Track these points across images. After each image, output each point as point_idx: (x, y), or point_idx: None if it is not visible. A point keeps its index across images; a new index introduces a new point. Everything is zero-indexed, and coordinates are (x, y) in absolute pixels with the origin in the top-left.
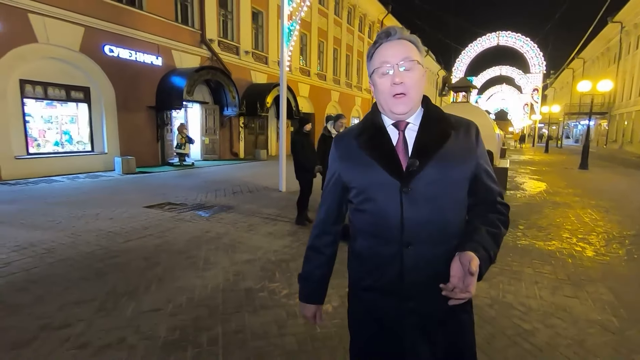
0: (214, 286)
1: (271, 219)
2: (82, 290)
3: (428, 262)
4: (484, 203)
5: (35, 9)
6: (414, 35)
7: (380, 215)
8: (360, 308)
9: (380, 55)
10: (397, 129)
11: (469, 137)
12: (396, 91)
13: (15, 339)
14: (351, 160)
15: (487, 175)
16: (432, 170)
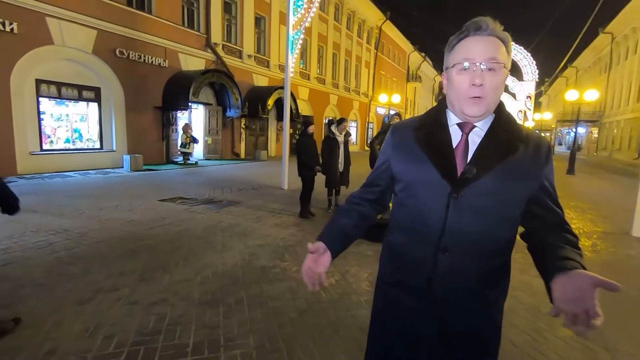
0: (233, 264)
1: (276, 212)
2: (121, 265)
3: (461, 272)
4: (554, 225)
5: (52, 12)
6: (505, 33)
7: (423, 214)
8: (383, 302)
9: (464, 49)
10: (461, 131)
11: (537, 154)
12: (474, 93)
13: (77, 298)
14: (405, 152)
15: (551, 198)
16: (488, 182)
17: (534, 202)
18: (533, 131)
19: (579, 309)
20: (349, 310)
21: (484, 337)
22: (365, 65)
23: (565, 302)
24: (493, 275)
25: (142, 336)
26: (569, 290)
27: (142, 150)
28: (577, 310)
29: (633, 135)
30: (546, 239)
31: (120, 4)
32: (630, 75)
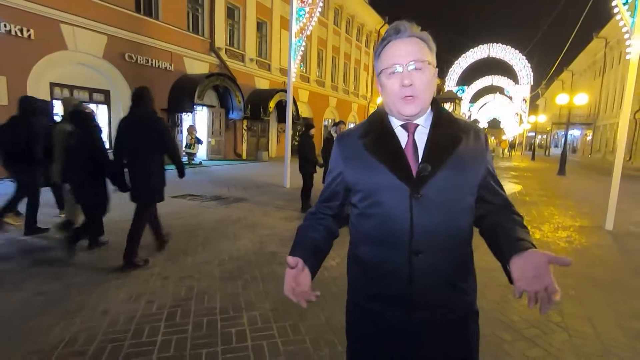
0: (246, 249)
1: (280, 208)
2: (147, 250)
3: (438, 269)
4: (501, 207)
5: (66, 19)
6: (425, 32)
7: (389, 220)
8: (363, 318)
9: (388, 55)
10: (407, 131)
11: (478, 141)
12: (405, 93)
13: (114, 273)
14: (356, 161)
15: (495, 180)
16: (443, 176)
17: (483, 187)
18: (468, 121)
19: (539, 286)
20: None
21: (469, 324)
22: (364, 68)
23: (524, 281)
24: (464, 265)
25: (177, 301)
26: (527, 269)
27: None
28: (537, 287)
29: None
30: (496, 222)
31: (129, 11)
32: (622, 80)
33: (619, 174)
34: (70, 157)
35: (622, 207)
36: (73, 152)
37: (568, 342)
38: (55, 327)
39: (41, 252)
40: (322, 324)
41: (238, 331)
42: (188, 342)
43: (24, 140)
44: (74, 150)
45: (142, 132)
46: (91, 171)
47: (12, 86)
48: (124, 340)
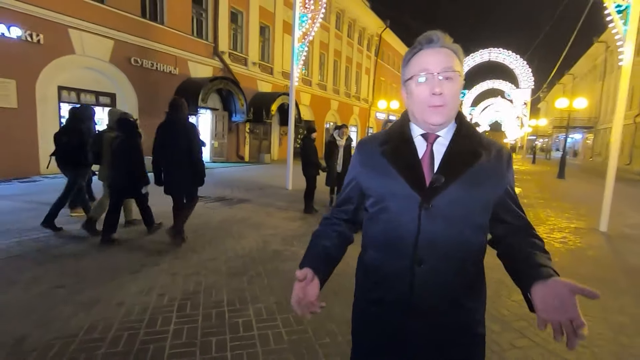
0: (250, 248)
1: (283, 209)
2: (159, 247)
3: (439, 283)
4: (519, 230)
5: (74, 24)
6: (456, 45)
7: (395, 227)
8: (364, 320)
9: (419, 62)
10: (426, 141)
11: (499, 161)
12: (434, 102)
13: (129, 268)
14: (372, 167)
15: (514, 202)
16: (456, 189)
17: (500, 207)
18: (493, 140)
19: (563, 317)
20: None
21: (468, 347)
22: (366, 72)
23: (547, 312)
24: (469, 283)
25: (186, 295)
26: (549, 299)
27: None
28: (561, 319)
29: (625, 141)
30: (514, 245)
31: (135, 16)
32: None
33: (613, 177)
34: (116, 158)
35: (618, 210)
36: (119, 153)
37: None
38: (74, 317)
39: (55, 248)
40: (323, 316)
41: (245, 322)
42: (198, 331)
43: (77, 145)
44: (120, 152)
45: (175, 137)
46: (132, 169)
47: (21, 89)
48: (139, 328)
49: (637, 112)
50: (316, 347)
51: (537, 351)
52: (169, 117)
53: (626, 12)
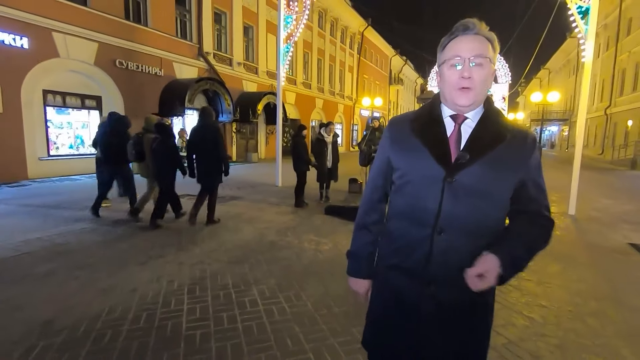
0: (247, 239)
1: (275, 204)
2: (161, 241)
3: (457, 251)
4: (527, 213)
5: (58, 28)
6: (491, 33)
7: (419, 199)
8: (383, 284)
9: (453, 48)
10: (454, 122)
11: (524, 145)
12: (462, 84)
13: (136, 261)
14: (402, 143)
15: (535, 186)
16: (479, 168)
17: (520, 189)
18: (520, 125)
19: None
20: (340, 265)
21: (477, 314)
22: (349, 70)
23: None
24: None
25: (194, 280)
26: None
27: None
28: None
29: (598, 132)
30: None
31: (119, 18)
32: (594, 77)
33: (579, 165)
34: (155, 156)
35: (589, 195)
36: (158, 152)
37: (519, 299)
38: (94, 302)
39: (60, 246)
40: (321, 293)
41: (250, 300)
42: (210, 309)
43: (116, 145)
44: (158, 151)
45: (204, 138)
46: (168, 165)
47: (6, 94)
48: (155, 309)
49: (608, 103)
50: (316, 317)
51: (505, 312)
52: (200, 122)
53: (587, 13)
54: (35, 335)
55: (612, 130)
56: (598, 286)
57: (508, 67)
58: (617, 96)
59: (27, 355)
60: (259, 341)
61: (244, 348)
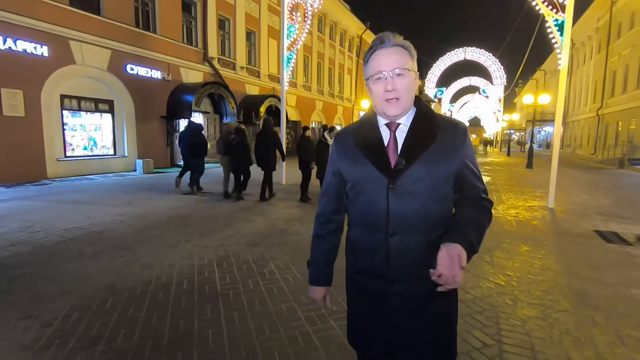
0: (260, 228)
1: (282, 199)
2: (182, 230)
3: (411, 249)
4: (468, 198)
5: (75, 36)
6: (406, 42)
7: (369, 207)
8: (353, 288)
9: (374, 63)
10: (389, 129)
11: (454, 137)
12: (388, 97)
13: (167, 245)
14: (347, 156)
15: (471, 173)
16: (417, 169)
17: (458, 178)
18: (450, 118)
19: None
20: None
21: (442, 301)
22: (348, 72)
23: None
24: (437, 246)
25: (220, 258)
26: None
27: (150, 155)
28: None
29: (591, 133)
30: (457, 213)
31: (130, 26)
32: (587, 79)
33: (556, 164)
34: (234, 152)
35: (571, 191)
36: (236, 149)
37: (489, 270)
38: (142, 273)
39: (100, 233)
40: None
41: (269, 271)
42: (237, 277)
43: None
44: (237, 148)
45: (267, 140)
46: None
47: (28, 99)
48: (193, 278)
49: (599, 104)
50: None
51: (475, 279)
52: (263, 128)
53: (562, 25)
54: (104, 293)
55: (603, 131)
56: (557, 261)
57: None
58: (608, 97)
59: (103, 306)
60: (279, 297)
61: (269, 301)
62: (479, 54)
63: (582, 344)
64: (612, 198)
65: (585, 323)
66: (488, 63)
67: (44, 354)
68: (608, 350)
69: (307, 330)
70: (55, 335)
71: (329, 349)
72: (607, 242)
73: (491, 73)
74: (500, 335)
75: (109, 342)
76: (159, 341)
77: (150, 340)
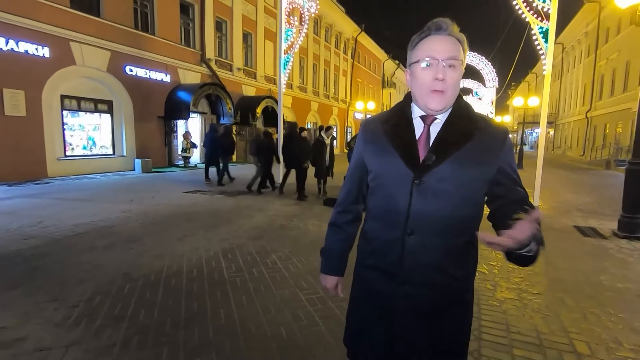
0: (261, 223)
1: (279, 197)
2: (186, 225)
3: (428, 252)
4: (518, 201)
5: (75, 38)
6: (462, 34)
7: (390, 201)
8: (360, 284)
9: (426, 48)
10: (424, 123)
11: (494, 141)
12: (436, 87)
13: (174, 238)
14: (374, 144)
15: (511, 179)
16: (446, 168)
17: (495, 185)
18: (491, 119)
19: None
20: None
21: (454, 312)
22: (343, 74)
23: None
24: (458, 253)
25: (225, 250)
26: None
27: (148, 155)
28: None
29: (580, 135)
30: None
31: (129, 27)
32: (577, 82)
33: (541, 165)
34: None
35: (557, 191)
36: (266, 150)
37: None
38: (153, 263)
39: (109, 227)
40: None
41: (271, 261)
42: (243, 266)
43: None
44: (266, 149)
45: (291, 143)
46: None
47: (29, 99)
48: (202, 267)
49: (589, 107)
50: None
51: None
52: (288, 132)
53: (546, 33)
54: (120, 280)
55: (592, 133)
56: None
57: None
58: (597, 100)
59: (121, 291)
60: (282, 283)
61: (273, 287)
62: (472, 57)
63: (551, 319)
64: (595, 197)
65: (555, 303)
66: (480, 66)
67: (75, 329)
68: (573, 324)
69: (309, 310)
70: (83, 315)
71: (329, 324)
72: (584, 236)
73: (484, 76)
74: (480, 313)
75: (132, 320)
76: (177, 319)
77: (169, 318)
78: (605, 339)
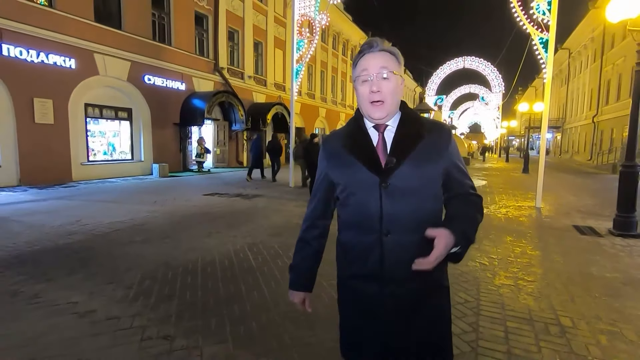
0: (278, 223)
1: (292, 199)
2: (210, 224)
3: (405, 248)
4: (458, 195)
5: (99, 49)
6: (394, 48)
7: (362, 207)
8: (346, 294)
9: (361, 65)
10: (377, 131)
11: (440, 138)
12: (373, 98)
13: (202, 234)
14: (337, 159)
15: (458, 171)
16: (407, 167)
17: (446, 177)
18: (435, 121)
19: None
20: None
21: (435, 301)
22: (350, 80)
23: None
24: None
25: (250, 245)
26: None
27: (164, 160)
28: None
29: (587, 139)
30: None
31: (148, 39)
32: (584, 87)
33: (543, 168)
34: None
35: (560, 193)
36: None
37: (476, 254)
38: (187, 255)
39: (141, 225)
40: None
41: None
42: (268, 258)
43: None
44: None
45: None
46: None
47: (56, 108)
48: (231, 258)
49: (595, 112)
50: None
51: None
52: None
53: (546, 43)
54: (163, 268)
55: (599, 137)
56: (535, 248)
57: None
58: (603, 105)
59: (166, 276)
60: None
61: None
62: (478, 63)
63: (541, 300)
64: (597, 199)
65: (547, 288)
66: (487, 71)
67: (135, 304)
68: (560, 305)
69: (329, 292)
70: (139, 294)
71: None
72: (581, 234)
73: (490, 81)
74: (479, 295)
75: (180, 298)
76: (218, 297)
77: (212, 298)
78: (587, 316)
